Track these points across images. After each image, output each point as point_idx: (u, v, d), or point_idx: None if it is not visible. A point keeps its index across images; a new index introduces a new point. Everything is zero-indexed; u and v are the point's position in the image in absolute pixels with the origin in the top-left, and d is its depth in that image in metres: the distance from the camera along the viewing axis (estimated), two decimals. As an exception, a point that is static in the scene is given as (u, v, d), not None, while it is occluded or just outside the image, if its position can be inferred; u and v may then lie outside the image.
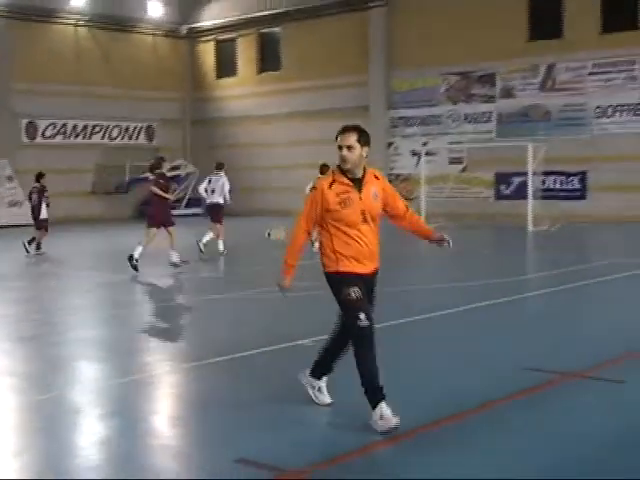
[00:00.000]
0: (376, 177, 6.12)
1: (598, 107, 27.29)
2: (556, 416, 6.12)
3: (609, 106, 27.08)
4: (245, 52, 36.78)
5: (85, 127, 35.38)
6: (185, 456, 5.56)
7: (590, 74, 27.43)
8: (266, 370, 7.78)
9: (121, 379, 7.54)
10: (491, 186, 29.58)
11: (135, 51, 37.08)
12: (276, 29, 35.68)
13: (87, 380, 7.78)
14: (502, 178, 29.09)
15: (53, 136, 34.55)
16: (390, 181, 25.61)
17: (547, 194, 27.65)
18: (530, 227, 24.15)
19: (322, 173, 16.05)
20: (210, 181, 18.74)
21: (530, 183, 25.11)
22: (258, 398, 6.69)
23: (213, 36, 37.90)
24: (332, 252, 6.00)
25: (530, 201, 24.84)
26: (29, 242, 19.31)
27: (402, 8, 31.47)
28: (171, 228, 15.93)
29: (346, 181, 5.95)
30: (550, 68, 28.20)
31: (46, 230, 19.69)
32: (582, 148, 27.60)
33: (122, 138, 36.62)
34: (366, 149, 5.98)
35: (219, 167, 18.91)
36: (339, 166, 6.00)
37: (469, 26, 29.59)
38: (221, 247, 18.44)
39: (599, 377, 7.25)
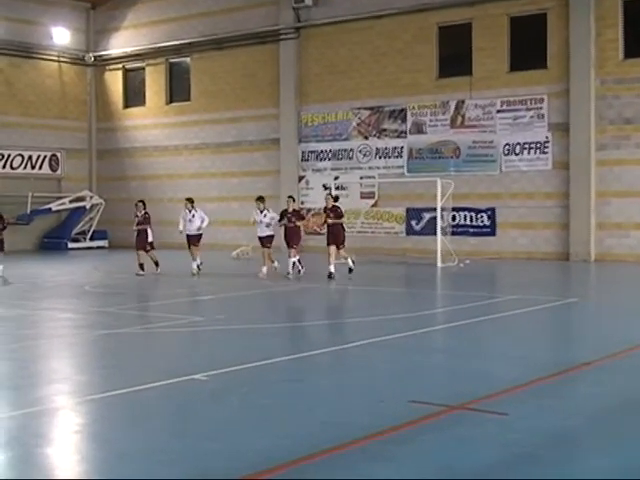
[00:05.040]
0: None
1: (507, 144, 27.55)
2: (436, 448, 6.14)
3: (517, 143, 27.36)
4: (154, 82, 36.05)
5: (-16, 156, 34.17)
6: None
7: (499, 111, 27.71)
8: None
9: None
10: (402, 221, 29.50)
11: (39, 78, 35.95)
12: (186, 59, 35.18)
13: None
14: (413, 213, 29.07)
15: (-49, 164, 33.27)
16: (302, 216, 24.57)
17: (457, 230, 27.77)
18: (439, 263, 24.05)
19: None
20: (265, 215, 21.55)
21: (439, 219, 25.07)
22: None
23: (121, 65, 37.09)
24: None
25: (439, 237, 24.77)
26: (155, 265, 22.49)
27: (313, 41, 31.37)
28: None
29: None
30: (459, 105, 28.40)
31: (152, 248, 22.89)
32: (491, 185, 27.83)
33: (24, 167, 35.39)
34: None
35: (260, 200, 21.81)
36: None
37: (380, 61, 29.69)
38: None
39: (484, 410, 7.23)
